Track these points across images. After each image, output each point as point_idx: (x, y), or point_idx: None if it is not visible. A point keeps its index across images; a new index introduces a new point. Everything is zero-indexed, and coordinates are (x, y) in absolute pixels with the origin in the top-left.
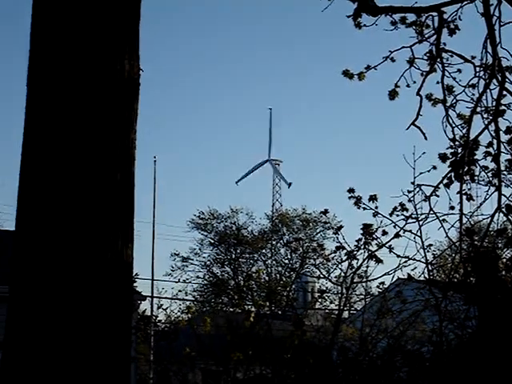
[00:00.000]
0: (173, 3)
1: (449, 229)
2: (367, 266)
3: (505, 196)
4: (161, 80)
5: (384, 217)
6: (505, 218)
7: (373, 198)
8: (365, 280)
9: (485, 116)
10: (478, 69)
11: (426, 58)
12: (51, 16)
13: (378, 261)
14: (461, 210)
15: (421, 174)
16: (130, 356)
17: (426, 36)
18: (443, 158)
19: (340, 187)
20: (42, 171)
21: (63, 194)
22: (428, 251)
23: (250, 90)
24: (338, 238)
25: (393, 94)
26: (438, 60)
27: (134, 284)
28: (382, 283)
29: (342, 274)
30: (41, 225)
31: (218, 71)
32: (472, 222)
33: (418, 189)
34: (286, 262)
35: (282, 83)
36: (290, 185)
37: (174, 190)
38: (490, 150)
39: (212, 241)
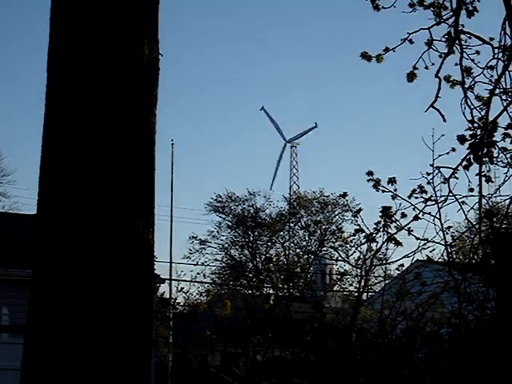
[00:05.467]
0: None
1: (468, 211)
2: (386, 249)
3: None
4: (178, 61)
5: (403, 199)
6: None
7: (392, 181)
8: (384, 262)
9: (503, 98)
10: (496, 50)
11: (444, 39)
12: (70, 2)
13: (397, 243)
14: (480, 191)
15: (440, 156)
16: (152, 339)
17: (444, 18)
18: (462, 139)
19: (358, 170)
20: (63, 156)
21: (84, 178)
22: (447, 233)
23: (265, 73)
24: (356, 220)
25: (411, 76)
26: (457, 42)
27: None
28: (401, 265)
29: (361, 257)
30: (62, 209)
31: (237, 54)
32: (491, 204)
33: (436, 171)
34: (304, 244)
35: (301, 62)
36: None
37: (192, 173)
38: (509, 131)
39: (230, 223)
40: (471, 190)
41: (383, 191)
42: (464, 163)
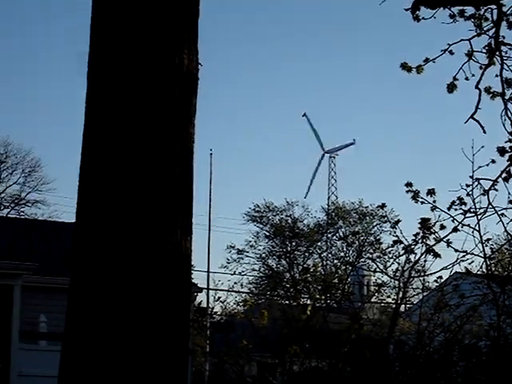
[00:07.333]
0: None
1: (507, 223)
2: (425, 260)
3: None
4: (215, 74)
5: (442, 211)
6: None
7: (431, 192)
8: (422, 274)
9: None
10: None
11: (484, 51)
12: (111, 11)
13: (436, 255)
14: None
15: (479, 167)
16: (188, 348)
17: (485, 29)
18: (502, 151)
19: (398, 181)
20: (102, 164)
21: (123, 186)
22: (486, 245)
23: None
24: (395, 232)
25: (451, 88)
26: (497, 53)
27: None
28: (440, 277)
29: (400, 268)
30: (101, 217)
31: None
32: None
33: (476, 183)
34: (342, 255)
35: (341, 73)
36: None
37: (230, 183)
38: None
39: (267, 233)
40: (511, 202)
41: (422, 202)
42: (504, 175)
